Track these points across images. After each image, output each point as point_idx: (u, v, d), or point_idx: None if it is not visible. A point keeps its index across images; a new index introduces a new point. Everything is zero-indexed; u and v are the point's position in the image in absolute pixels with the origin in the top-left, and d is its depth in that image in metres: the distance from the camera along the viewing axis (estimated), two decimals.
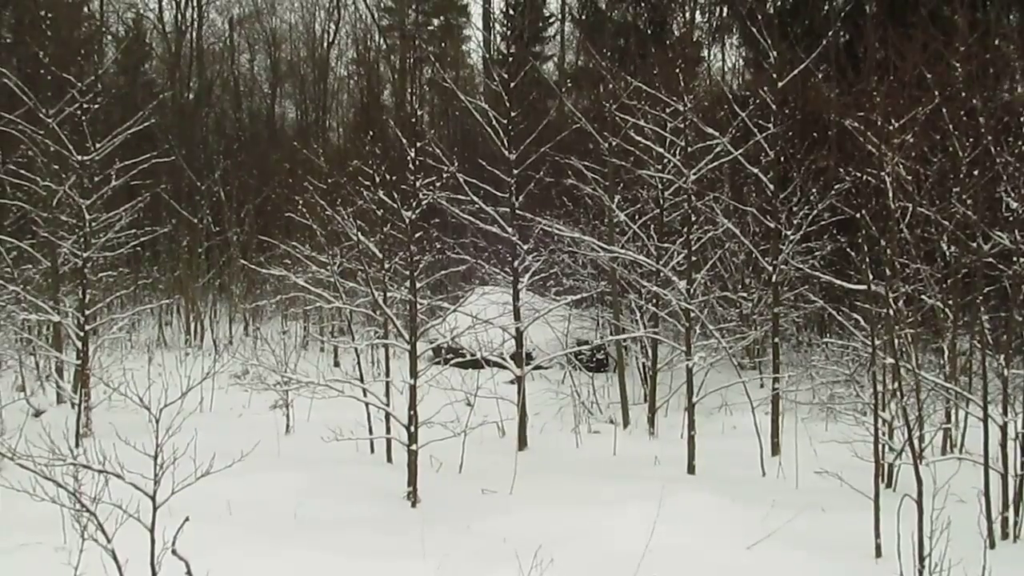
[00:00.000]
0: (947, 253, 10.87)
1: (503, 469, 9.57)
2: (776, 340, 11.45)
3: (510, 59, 11.79)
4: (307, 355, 16.55)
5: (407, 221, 8.93)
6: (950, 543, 6.75)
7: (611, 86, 12.90)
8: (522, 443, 11.20)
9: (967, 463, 8.54)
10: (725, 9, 22.87)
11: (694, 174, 10.74)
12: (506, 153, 11.16)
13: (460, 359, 12.49)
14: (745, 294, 14.42)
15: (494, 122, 11.30)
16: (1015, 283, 8.87)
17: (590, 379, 13.58)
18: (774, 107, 11.00)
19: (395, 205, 9.00)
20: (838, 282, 10.85)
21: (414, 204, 8.95)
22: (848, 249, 11.33)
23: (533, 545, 6.73)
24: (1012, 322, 8.83)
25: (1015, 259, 8.52)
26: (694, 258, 11.11)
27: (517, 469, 9.35)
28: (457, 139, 24.41)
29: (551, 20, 30.59)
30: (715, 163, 11.29)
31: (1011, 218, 8.75)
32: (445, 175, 10.24)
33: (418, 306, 9.48)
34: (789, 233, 10.98)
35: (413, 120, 12.93)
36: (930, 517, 6.81)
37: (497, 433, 11.71)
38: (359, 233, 9.81)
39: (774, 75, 11.05)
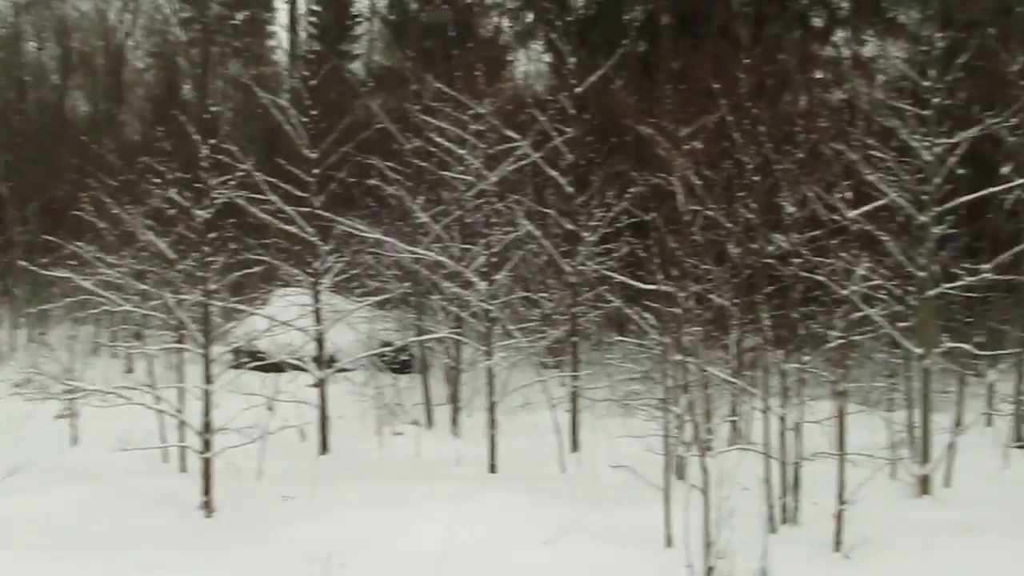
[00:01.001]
0: (733, 255, 11.42)
1: (304, 474, 9.36)
2: (575, 339, 11.72)
3: (311, 56, 11.56)
4: (98, 362, 15.71)
5: (200, 220, 8.60)
6: (735, 529, 7.11)
7: (415, 87, 12.88)
8: (324, 447, 11.01)
9: (751, 453, 9.02)
10: (530, 15, 23.26)
11: (495, 176, 10.85)
12: (307, 152, 10.94)
13: (260, 363, 12.14)
14: (546, 294, 14.67)
15: (294, 120, 11.06)
16: (792, 283, 9.43)
17: (394, 381, 13.49)
18: (573, 112, 11.25)
19: (185, 204, 8.64)
20: (632, 283, 11.22)
21: (207, 203, 8.63)
22: (642, 251, 11.73)
23: (331, 551, 6.62)
24: (789, 320, 9.35)
25: (792, 260, 9.05)
26: (495, 259, 11.21)
27: (318, 474, 9.18)
28: (259, 137, 23.79)
29: (358, 19, 30.25)
30: (516, 165, 11.44)
31: (789, 222, 9.30)
32: (240, 173, 9.91)
33: (213, 309, 9.14)
34: (587, 235, 11.26)
35: (206, 116, 12.49)
36: (716, 506, 7.14)
37: (298, 438, 11.46)
38: (149, 233, 9.37)
39: (573, 81, 11.31)
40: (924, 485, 9.34)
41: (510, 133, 11.26)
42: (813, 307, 13.42)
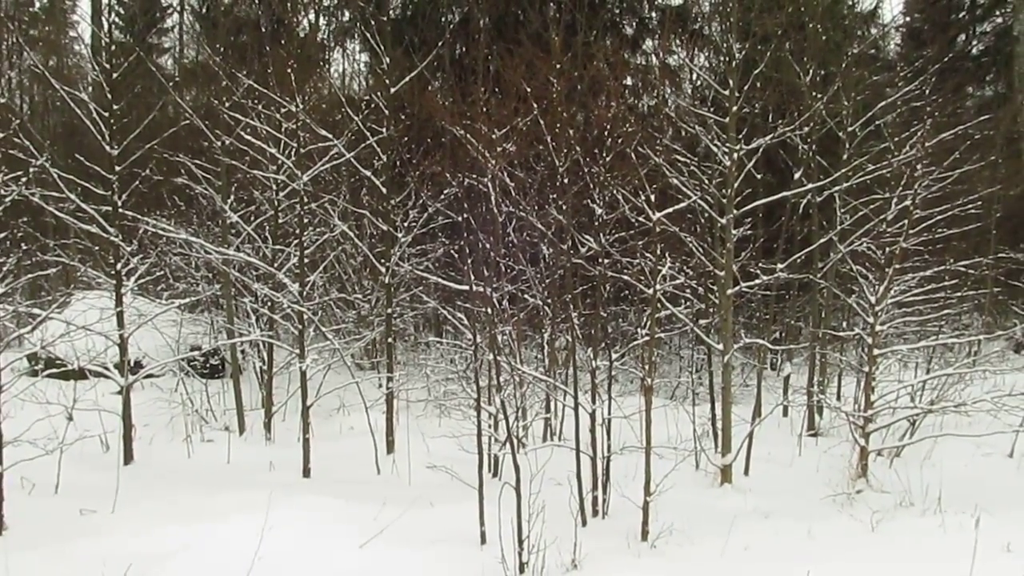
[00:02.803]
0: (546, 255, 11.66)
1: (106, 486, 8.90)
2: (391, 340, 11.67)
3: (113, 47, 11.00)
4: None
5: None
6: (547, 524, 7.26)
7: (226, 83, 12.49)
8: (128, 457, 10.50)
9: (563, 448, 9.22)
10: (347, 13, 22.99)
11: (308, 176, 10.67)
12: (107, 148, 10.42)
13: (57, 370, 11.49)
14: (361, 296, 14.57)
15: (94, 114, 10.51)
16: (600, 283, 9.72)
17: (204, 386, 13.04)
18: (388, 112, 11.20)
19: None
20: (447, 283, 11.27)
21: None
22: (456, 252, 11.81)
23: (132, 565, 6.33)
24: (598, 318, 9.63)
25: (601, 260, 9.32)
26: (308, 260, 11.02)
27: (121, 485, 8.76)
28: (59, 132, 22.58)
29: (168, 10, 29.11)
30: (330, 165, 11.28)
31: (598, 223, 9.57)
32: (34, 169, 9.35)
33: (2, 313, 8.59)
34: (402, 236, 11.24)
35: None
36: (528, 501, 7.27)
37: (101, 448, 10.91)
38: None
39: (387, 80, 11.25)
40: (725, 474, 9.79)
41: (324, 132, 11.08)
42: (622, 306, 13.94)
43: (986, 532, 7.07)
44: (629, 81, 17.85)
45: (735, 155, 9.54)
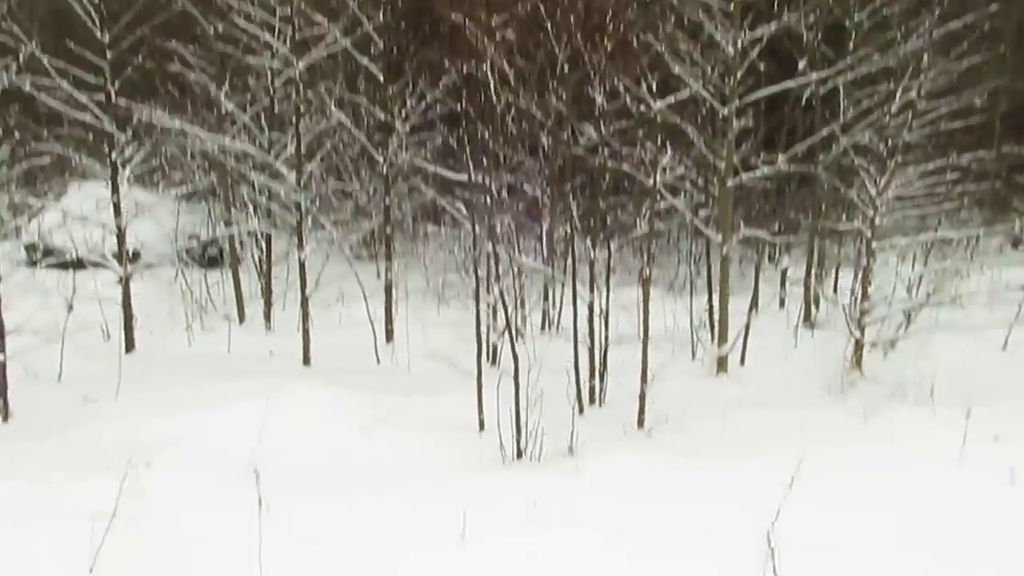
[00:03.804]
0: (545, 145, 11.53)
1: (108, 374, 8.98)
2: (389, 230, 11.64)
3: None
4: None
5: None
6: (544, 412, 7.36)
7: None
8: (129, 346, 10.59)
9: (561, 339, 9.30)
10: None
11: (304, 63, 10.46)
12: (98, 34, 10.18)
13: (57, 260, 11.49)
14: (359, 186, 14.46)
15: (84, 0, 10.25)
16: (599, 173, 9.64)
17: (203, 276, 13.06)
18: None
19: None
20: (446, 173, 11.18)
21: None
22: (455, 142, 11.68)
23: (137, 451, 6.42)
24: (597, 209, 9.58)
25: (600, 151, 9.22)
26: (305, 150, 10.89)
27: (123, 373, 8.84)
28: (49, 19, 22.06)
29: None
30: (325, 52, 11.05)
31: (597, 113, 9.44)
32: (23, 57, 9.14)
33: None
34: (400, 125, 11.08)
35: None
36: (526, 390, 7.35)
37: (102, 337, 10.99)
38: None
39: None
40: (721, 365, 9.89)
41: (319, 18, 10.82)
42: (622, 197, 13.86)
43: (977, 423, 7.15)
44: None
45: (739, 44, 9.35)
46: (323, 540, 5.47)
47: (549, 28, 10.72)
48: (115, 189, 10.47)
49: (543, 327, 11.59)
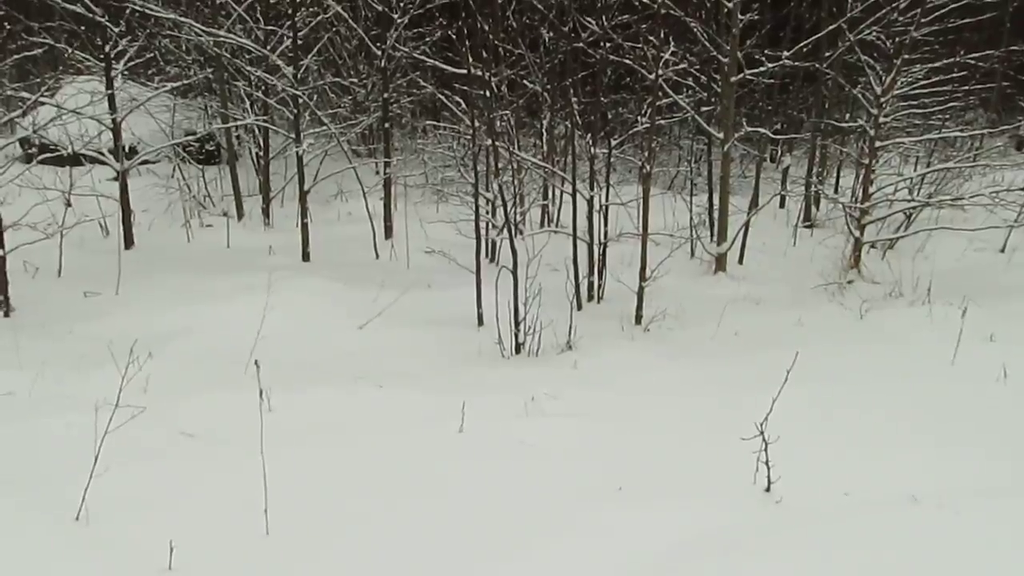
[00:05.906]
0: (547, 39, 11.33)
1: (108, 270, 8.99)
2: (388, 126, 11.51)
3: None
4: None
5: None
6: (543, 307, 7.41)
7: None
8: (128, 241, 10.56)
9: (560, 235, 9.29)
10: None
11: None
12: None
13: (52, 155, 11.36)
14: (357, 80, 14.24)
15: None
16: (601, 68, 9.49)
17: (201, 172, 12.96)
18: None
19: None
20: (446, 67, 11.00)
21: None
22: (455, 35, 11.46)
23: (138, 344, 6.45)
24: (598, 105, 9.46)
25: (602, 45, 9.05)
26: (301, 43, 10.69)
27: (123, 268, 8.85)
28: None
29: None
30: None
31: (599, 5, 9.24)
32: None
33: None
34: (399, 17, 10.85)
35: None
36: (525, 286, 7.38)
37: (101, 233, 10.96)
38: None
39: None
40: (720, 263, 9.90)
41: None
42: (623, 93, 13.68)
43: (972, 322, 7.21)
44: None
45: None
46: (323, 430, 5.55)
47: None
48: (109, 83, 10.30)
49: (542, 224, 11.56)
